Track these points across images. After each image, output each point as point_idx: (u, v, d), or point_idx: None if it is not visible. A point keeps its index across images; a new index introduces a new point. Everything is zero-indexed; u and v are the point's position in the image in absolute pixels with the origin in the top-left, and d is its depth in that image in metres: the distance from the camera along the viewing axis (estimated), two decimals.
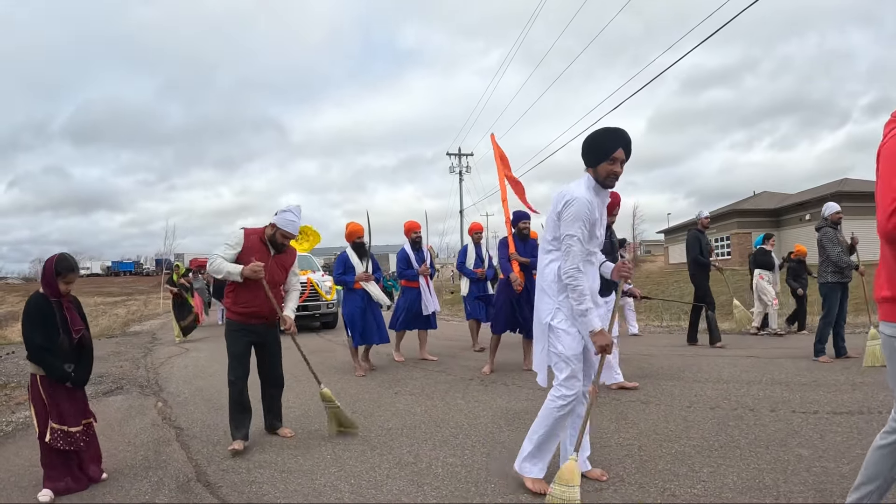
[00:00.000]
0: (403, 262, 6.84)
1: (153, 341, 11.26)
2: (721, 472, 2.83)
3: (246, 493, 2.84)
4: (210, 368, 6.97)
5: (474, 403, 4.51)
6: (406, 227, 6.88)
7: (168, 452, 3.57)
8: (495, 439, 3.55)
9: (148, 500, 2.80)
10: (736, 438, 3.34)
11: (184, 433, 4.02)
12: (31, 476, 3.20)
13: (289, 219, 3.70)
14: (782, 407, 4.00)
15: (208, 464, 3.31)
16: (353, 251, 6.18)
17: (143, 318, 20.20)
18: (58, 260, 3.02)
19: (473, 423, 3.93)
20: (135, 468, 3.28)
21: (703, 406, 4.11)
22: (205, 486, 2.96)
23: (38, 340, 2.95)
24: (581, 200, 2.63)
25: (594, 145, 2.72)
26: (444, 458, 3.24)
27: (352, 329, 6.09)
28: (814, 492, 2.55)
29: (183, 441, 3.82)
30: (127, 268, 68.00)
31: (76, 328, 3.08)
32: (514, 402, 4.47)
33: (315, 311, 11.43)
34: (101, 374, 6.63)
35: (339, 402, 3.87)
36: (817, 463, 2.88)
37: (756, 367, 5.54)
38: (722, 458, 3.02)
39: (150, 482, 3.04)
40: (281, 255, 3.82)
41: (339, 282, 6.20)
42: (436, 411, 4.33)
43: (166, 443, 3.79)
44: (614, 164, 2.69)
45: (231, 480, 3.02)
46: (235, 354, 3.72)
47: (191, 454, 3.51)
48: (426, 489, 2.79)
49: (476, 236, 7.24)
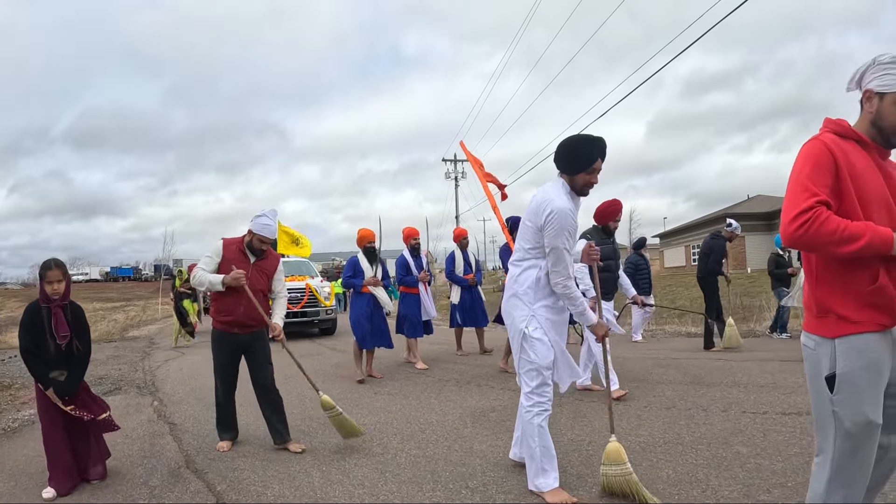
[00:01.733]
0: (403, 269, 6.89)
1: (151, 346, 11.60)
2: (658, 466, 3.05)
3: (229, 478, 3.21)
4: (204, 371, 7.32)
5: (446, 403, 4.87)
6: (405, 234, 6.96)
7: (161, 444, 3.94)
8: (459, 434, 3.91)
9: (142, 483, 3.17)
10: (682, 436, 3.56)
11: (177, 428, 4.39)
12: (36, 464, 3.55)
13: (263, 223, 3.75)
14: (735, 407, 4.21)
15: (197, 454, 3.69)
16: (363, 256, 6.26)
17: (141, 324, 20.52)
18: (41, 264, 3.17)
19: (441, 420, 4.28)
20: (131, 457, 3.64)
21: (660, 406, 4.36)
22: (193, 472, 3.33)
23: (23, 343, 3.13)
24: (564, 211, 2.60)
25: (574, 153, 2.66)
26: (409, 450, 3.60)
27: (358, 332, 6.13)
28: (742, 486, 2.73)
29: (175, 434, 4.18)
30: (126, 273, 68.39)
31: (61, 334, 3.13)
32: (483, 402, 4.83)
33: (314, 318, 11.40)
34: (101, 376, 7.00)
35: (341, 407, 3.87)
36: (752, 460, 3.07)
37: (722, 370, 5.76)
38: (663, 454, 3.25)
39: (145, 468, 3.42)
40: (261, 261, 3.87)
41: (348, 285, 6.26)
42: (409, 409, 4.69)
43: (160, 436, 4.16)
44: (592, 174, 2.66)
45: (216, 467, 3.39)
46: (219, 365, 3.83)
47: (182, 445, 3.88)
48: (388, 476, 3.15)
49: (462, 242, 7.35)
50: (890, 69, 1.75)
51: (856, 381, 1.72)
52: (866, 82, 1.80)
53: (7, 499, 3.11)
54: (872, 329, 1.72)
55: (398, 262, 7.04)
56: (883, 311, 1.72)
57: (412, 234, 6.95)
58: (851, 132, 1.80)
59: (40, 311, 3.13)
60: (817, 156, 1.74)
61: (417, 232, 7.03)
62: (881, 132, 1.79)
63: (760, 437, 3.45)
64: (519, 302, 2.78)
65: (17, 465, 3.69)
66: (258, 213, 3.81)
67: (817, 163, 1.73)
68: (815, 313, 1.82)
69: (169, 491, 3.05)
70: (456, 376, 6.10)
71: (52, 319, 3.11)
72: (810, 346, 1.84)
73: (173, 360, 8.90)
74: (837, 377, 1.75)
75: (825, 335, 1.78)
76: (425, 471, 3.21)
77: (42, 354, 3.12)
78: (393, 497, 2.82)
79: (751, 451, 3.21)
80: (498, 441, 3.66)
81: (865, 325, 1.72)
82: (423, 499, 2.77)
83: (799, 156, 1.79)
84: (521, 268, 2.79)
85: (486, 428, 4.01)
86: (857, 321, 1.73)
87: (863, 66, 1.82)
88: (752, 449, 3.25)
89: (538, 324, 2.72)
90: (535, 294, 2.72)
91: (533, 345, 2.70)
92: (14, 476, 3.47)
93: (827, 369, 1.77)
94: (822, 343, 1.79)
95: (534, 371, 2.70)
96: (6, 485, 3.32)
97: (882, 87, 1.75)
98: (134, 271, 69.91)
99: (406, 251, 6.96)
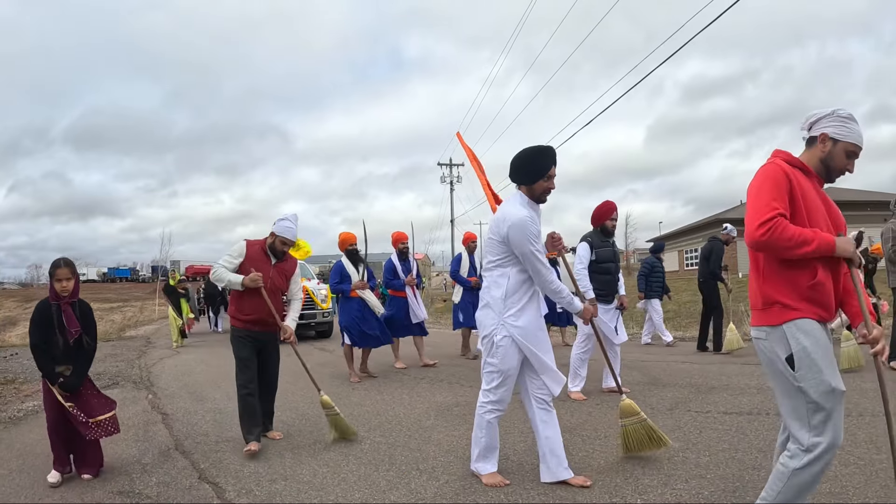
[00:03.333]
0: (390, 272, 7.07)
1: (147, 345, 12.06)
2: (592, 456, 3.40)
3: (212, 458, 3.66)
4: (197, 368, 7.79)
5: (416, 398, 5.32)
6: (393, 238, 7.14)
7: (154, 431, 4.38)
8: (421, 425, 4.34)
9: (135, 460, 3.62)
10: None
11: (168, 417, 4.83)
12: (41, 447, 3.99)
13: (286, 225, 3.95)
14: (681, 406, 4.51)
15: (185, 438, 4.13)
16: (347, 259, 6.34)
17: (138, 324, 20.98)
18: (51, 263, 3.33)
19: (408, 414, 4.72)
20: (126, 440, 4.08)
21: (613, 404, 4.51)
22: (181, 453, 3.78)
23: (33, 339, 3.27)
24: (523, 221, 2.80)
25: (529, 165, 2.90)
26: (373, 438, 4.04)
27: (349, 334, 6.26)
28: (663, 476, 3.03)
29: (167, 423, 4.63)
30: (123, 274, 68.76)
31: (72, 329, 3.27)
32: (450, 398, 5.27)
33: (310, 320, 11.30)
34: (99, 372, 7.44)
35: (340, 408, 4.06)
36: (681, 454, 3.35)
37: (682, 373, 6.05)
38: (600, 446, 3.59)
39: (138, 449, 3.87)
40: (281, 263, 4.05)
41: (336, 290, 6.32)
42: (381, 404, 5.14)
43: (153, 424, 4.61)
44: (549, 181, 2.88)
45: (201, 450, 3.84)
46: (241, 358, 3.94)
47: (172, 432, 4.33)
48: (350, 458, 3.58)
49: (470, 245, 7.64)
50: (847, 123, 2.11)
51: (810, 355, 1.99)
52: (821, 126, 2.13)
53: (17, 473, 3.56)
54: (811, 317, 2.04)
55: (385, 266, 7.23)
56: (820, 305, 2.04)
57: (400, 238, 7.13)
58: (798, 162, 2.16)
59: (50, 308, 3.30)
60: (776, 177, 2.06)
61: (406, 236, 7.20)
62: (827, 169, 2.16)
63: (696, 434, 3.75)
64: (490, 311, 2.99)
65: (25, 447, 4.14)
66: (281, 217, 4.03)
67: (776, 182, 2.04)
68: (761, 306, 2.11)
69: (159, 467, 3.49)
70: (431, 374, 6.54)
71: (61, 316, 3.27)
72: (762, 338, 2.11)
73: (168, 358, 9.37)
74: (794, 356, 2.01)
75: (773, 323, 2.07)
76: (384, 455, 3.64)
77: (50, 349, 3.27)
78: (352, 476, 3.26)
79: (682, 445, 3.51)
80: (454, 432, 4.10)
81: (805, 312, 2.03)
82: (378, 478, 3.21)
83: (758, 175, 2.10)
84: (491, 278, 3.01)
85: (447, 420, 4.45)
86: (799, 308, 2.03)
87: (820, 113, 2.16)
88: (684, 444, 3.54)
89: (506, 332, 2.92)
90: (505, 303, 2.93)
91: (498, 351, 2.93)
92: (21, 455, 3.93)
93: (784, 352, 2.04)
94: (772, 332, 2.08)
95: (495, 373, 2.96)
96: (16, 462, 3.78)
97: (837, 135, 2.10)
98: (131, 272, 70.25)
99: (394, 255, 7.14)
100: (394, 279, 7.04)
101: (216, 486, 3.14)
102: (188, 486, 3.18)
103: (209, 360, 8.96)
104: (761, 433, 3.73)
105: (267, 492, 3.06)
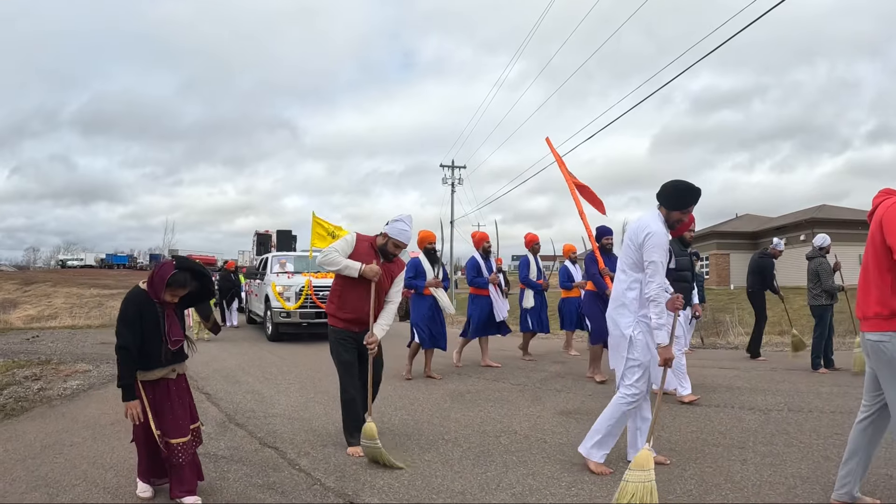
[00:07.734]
0: (474, 270, 7.12)
1: None
2: (557, 433, 4.08)
3: (265, 429, 4.25)
4: (221, 355, 8.35)
5: (432, 386, 5.94)
6: (477, 238, 7.26)
7: (203, 408, 4.96)
8: (440, 407, 4.97)
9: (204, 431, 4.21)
10: (593, 410, 4.31)
11: (212, 397, 5.42)
12: (105, 418, 4.54)
13: (400, 228, 3.79)
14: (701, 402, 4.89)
15: (235, 413, 4.74)
16: (424, 257, 6.37)
17: None
18: (174, 273, 2.83)
19: (427, 398, 5.35)
20: None
21: (605, 395, 5.39)
22: (237, 425, 4.38)
23: (124, 340, 2.76)
24: (660, 233, 3.08)
25: (680, 195, 3.17)
26: (401, 416, 4.66)
27: (419, 332, 6.28)
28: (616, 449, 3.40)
29: (213, 401, 5.22)
30: (121, 261, 68.81)
31: (175, 339, 2.89)
32: (461, 386, 5.89)
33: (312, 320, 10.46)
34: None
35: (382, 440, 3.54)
36: (677, 434, 3.96)
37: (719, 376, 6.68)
38: (568, 426, 4.27)
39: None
40: (389, 264, 3.86)
41: (410, 286, 6.23)
42: (402, 389, 5.76)
43: (200, 402, 5.17)
44: (685, 215, 3.21)
45: (253, 423, 4.44)
46: (344, 363, 3.75)
47: (221, 408, 4.93)
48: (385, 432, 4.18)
49: (535, 247, 7.80)
50: None
51: None
52: None
53: (91, 441, 4.07)
54: None
55: (469, 264, 7.35)
56: None
57: (484, 238, 7.25)
58: None
59: (153, 305, 2.84)
60: None
61: (488, 236, 7.32)
62: None
63: (707, 423, 4.29)
64: (626, 310, 3.24)
65: (89, 419, 4.69)
66: (395, 218, 3.85)
67: None
68: (887, 316, 2.44)
69: (222, 436, 4.09)
70: (442, 367, 7.13)
71: (164, 319, 2.87)
72: (886, 340, 2.44)
73: None
74: None
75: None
76: (412, 430, 4.26)
77: (136, 353, 2.80)
78: (388, 444, 3.85)
79: (671, 433, 4.14)
80: (469, 413, 4.73)
81: None
82: (411, 445, 3.83)
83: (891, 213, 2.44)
84: (628, 282, 3.23)
85: (462, 404, 5.07)
86: None
87: None
88: (676, 432, 4.11)
89: (642, 329, 3.18)
90: (640, 304, 3.18)
91: (636, 345, 3.17)
92: (88, 426, 4.48)
93: None
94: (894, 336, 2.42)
95: (636, 367, 3.16)
96: (87, 432, 4.32)
97: None
98: (129, 259, 70.36)
99: (477, 254, 7.23)
100: (478, 276, 7.10)
101: (277, 450, 3.75)
102: (253, 449, 3.78)
103: (232, 349, 9.47)
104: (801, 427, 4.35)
105: (322, 454, 3.67)
